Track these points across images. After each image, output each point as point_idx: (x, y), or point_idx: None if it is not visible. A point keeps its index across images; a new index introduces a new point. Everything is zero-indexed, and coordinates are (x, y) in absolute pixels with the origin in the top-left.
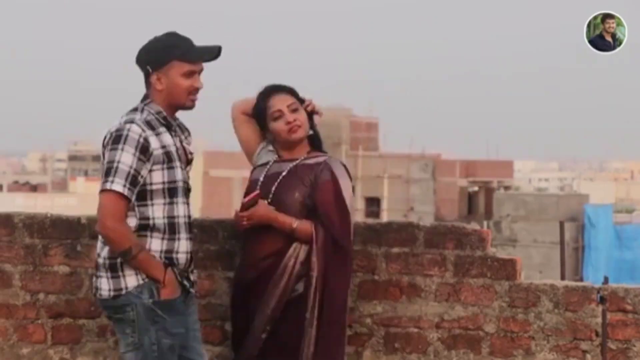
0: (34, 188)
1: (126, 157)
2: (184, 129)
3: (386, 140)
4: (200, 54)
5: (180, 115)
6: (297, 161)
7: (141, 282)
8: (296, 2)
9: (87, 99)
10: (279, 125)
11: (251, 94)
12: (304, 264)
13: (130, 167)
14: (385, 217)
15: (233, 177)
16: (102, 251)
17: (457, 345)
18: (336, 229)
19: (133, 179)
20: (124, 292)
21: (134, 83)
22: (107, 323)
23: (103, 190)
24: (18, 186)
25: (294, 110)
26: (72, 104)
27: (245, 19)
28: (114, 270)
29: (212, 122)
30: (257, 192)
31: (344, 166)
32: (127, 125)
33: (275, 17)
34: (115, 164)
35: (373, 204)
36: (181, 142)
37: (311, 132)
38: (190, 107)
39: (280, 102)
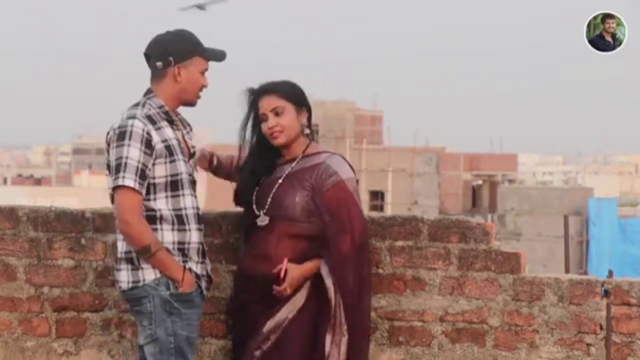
0: (37, 182)
1: (133, 152)
2: (185, 124)
3: (390, 134)
4: (219, 55)
5: (182, 111)
6: (293, 164)
7: (159, 275)
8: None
9: (91, 92)
10: (264, 129)
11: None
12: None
13: (139, 161)
14: (389, 211)
15: None
16: (121, 247)
17: (461, 338)
18: (355, 233)
19: (142, 173)
20: (141, 284)
21: (140, 75)
22: (111, 316)
23: (117, 188)
24: (22, 179)
25: (278, 114)
26: (76, 97)
27: (247, 19)
28: (132, 263)
29: (217, 116)
30: (285, 262)
31: (345, 160)
32: (130, 121)
33: (278, 16)
34: (124, 160)
35: (377, 197)
36: (183, 136)
37: (307, 131)
38: (195, 104)
39: (264, 106)
